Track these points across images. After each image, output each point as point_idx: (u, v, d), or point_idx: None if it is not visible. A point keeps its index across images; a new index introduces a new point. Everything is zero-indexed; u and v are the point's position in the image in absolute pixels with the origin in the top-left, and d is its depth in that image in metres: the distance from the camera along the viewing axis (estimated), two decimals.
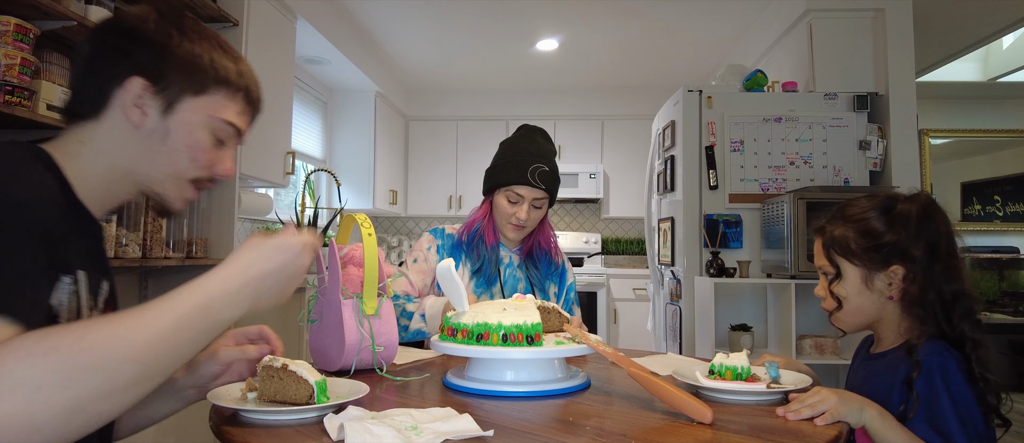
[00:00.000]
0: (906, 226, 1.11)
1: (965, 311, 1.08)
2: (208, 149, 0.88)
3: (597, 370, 1.30)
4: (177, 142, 0.85)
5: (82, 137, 0.84)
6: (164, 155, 0.85)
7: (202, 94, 0.85)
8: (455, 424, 0.83)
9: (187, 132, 0.85)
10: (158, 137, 0.84)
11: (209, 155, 0.88)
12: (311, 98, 4.52)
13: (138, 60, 0.82)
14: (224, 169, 0.91)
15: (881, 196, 1.17)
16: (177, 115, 0.84)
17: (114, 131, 0.84)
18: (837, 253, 1.17)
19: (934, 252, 1.10)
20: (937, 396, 1.00)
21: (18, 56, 1.70)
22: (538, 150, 1.72)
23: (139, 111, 0.83)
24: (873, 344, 1.24)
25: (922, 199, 1.14)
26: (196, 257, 2.44)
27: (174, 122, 0.84)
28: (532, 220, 1.72)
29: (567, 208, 5.79)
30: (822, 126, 3.03)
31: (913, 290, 1.10)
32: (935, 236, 1.11)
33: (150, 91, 0.82)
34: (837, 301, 1.17)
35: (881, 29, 3.18)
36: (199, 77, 0.85)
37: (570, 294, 1.85)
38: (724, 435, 0.85)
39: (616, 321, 4.96)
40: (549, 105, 5.55)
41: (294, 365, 0.90)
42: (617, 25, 4.11)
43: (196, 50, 0.85)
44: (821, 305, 1.23)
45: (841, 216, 1.19)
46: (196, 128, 0.86)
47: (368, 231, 1.18)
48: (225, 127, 0.88)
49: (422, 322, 1.56)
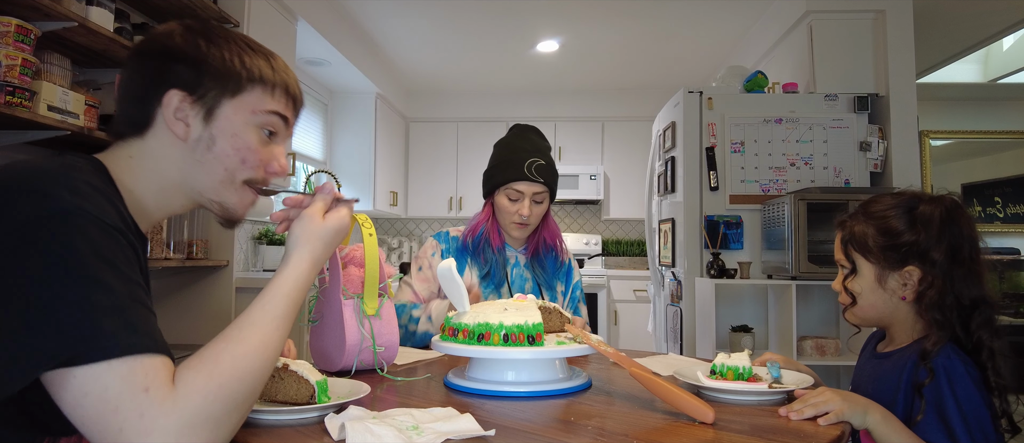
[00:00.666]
0: (927, 228, 1.09)
1: (984, 319, 1.05)
2: (257, 148, 0.88)
3: (598, 370, 1.29)
4: (224, 145, 0.86)
5: (131, 152, 0.85)
6: (213, 161, 0.86)
7: (239, 94, 0.86)
8: (456, 424, 0.82)
9: (232, 134, 0.86)
10: (205, 145, 0.85)
11: (259, 154, 0.88)
12: (311, 99, 4.52)
13: (172, 74, 0.83)
14: (278, 165, 0.91)
15: (906, 195, 1.15)
16: (219, 120, 0.85)
17: (161, 146, 0.85)
18: (854, 249, 1.15)
19: (956, 257, 1.08)
20: (943, 399, 1.00)
21: (19, 57, 1.70)
22: (533, 146, 1.73)
23: (182, 123, 0.84)
24: (880, 341, 1.23)
25: (947, 202, 1.12)
26: (196, 258, 2.44)
27: (218, 127, 0.85)
28: (535, 216, 1.72)
29: (567, 209, 5.79)
30: (822, 127, 3.03)
31: (931, 294, 1.08)
32: (958, 240, 1.09)
33: (188, 101, 0.84)
34: (851, 297, 1.16)
35: (881, 30, 3.18)
36: (233, 79, 0.86)
37: (576, 293, 1.85)
38: (726, 435, 0.85)
39: (617, 322, 4.96)
40: (549, 106, 5.55)
41: (295, 365, 0.90)
42: (617, 26, 4.11)
43: (225, 54, 0.86)
44: (838, 299, 1.22)
45: (863, 212, 1.17)
46: (240, 128, 0.86)
47: (369, 231, 1.18)
48: (272, 118, 0.89)
49: (429, 323, 1.56)
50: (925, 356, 1.04)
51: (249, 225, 3.60)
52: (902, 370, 1.08)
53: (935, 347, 1.04)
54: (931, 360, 1.03)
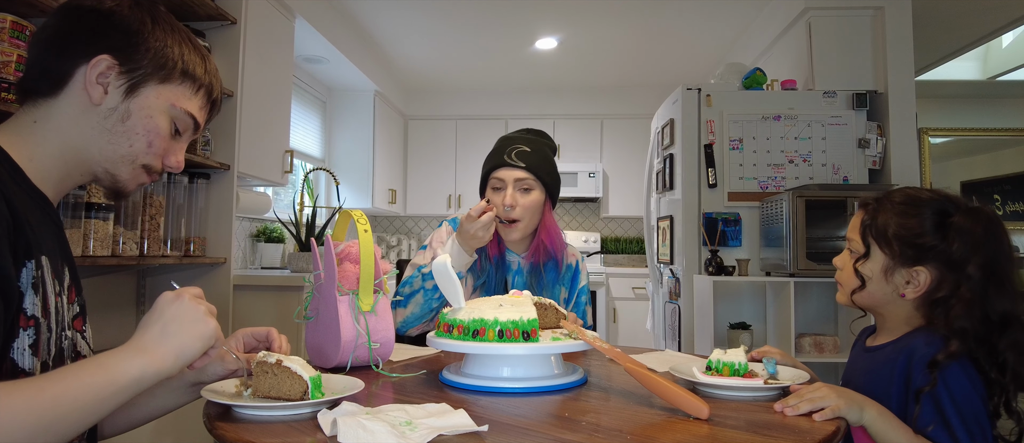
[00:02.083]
0: (962, 239, 1.05)
1: (1013, 340, 1.02)
2: (165, 137, 0.89)
3: (594, 366, 1.29)
4: (136, 124, 0.86)
5: (35, 116, 0.85)
6: (122, 136, 0.86)
7: (167, 82, 0.87)
8: (450, 419, 0.82)
9: (147, 116, 0.86)
10: (119, 117, 0.85)
11: (164, 143, 0.89)
12: (310, 97, 4.52)
13: (110, 41, 0.84)
14: (176, 160, 0.92)
15: (942, 197, 1.11)
16: (140, 98, 0.86)
17: (71, 109, 0.84)
18: (871, 235, 1.13)
19: (993, 272, 1.05)
20: (939, 394, 0.99)
21: (14, 53, 1.69)
22: (519, 136, 1.68)
23: (101, 89, 0.84)
24: (870, 336, 1.23)
25: (986, 215, 1.08)
26: (194, 256, 2.44)
27: (136, 104, 0.86)
28: (523, 207, 1.60)
29: (566, 207, 5.79)
30: (821, 124, 3.03)
31: (952, 305, 1.04)
32: (996, 255, 1.05)
33: (116, 70, 0.84)
34: (861, 280, 1.14)
35: (880, 27, 3.18)
36: (167, 66, 0.87)
37: (582, 298, 1.73)
38: (721, 430, 0.84)
39: (615, 320, 4.95)
40: (548, 104, 5.54)
41: (288, 361, 0.90)
42: (616, 24, 4.11)
43: (168, 41, 0.87)
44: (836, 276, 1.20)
45: (891, 201, 1.13)
46: (157, 113, 0.87)
47: (364, 227, 1.17)
48: (185, 118, 0.90)
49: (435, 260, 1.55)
50: (934, 365, 1.01)
51: (248, 222, 3.60)
52: (894, 364, 1.07)
53: (949, 359, 1.00)
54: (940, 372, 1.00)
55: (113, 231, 2.02)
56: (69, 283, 0.88)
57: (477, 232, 1.52)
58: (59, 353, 0.83)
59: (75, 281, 0.91)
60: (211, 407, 0.91)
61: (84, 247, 1.89)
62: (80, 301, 0.92)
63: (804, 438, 0.83)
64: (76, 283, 0.91)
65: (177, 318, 0.79)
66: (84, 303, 0.94)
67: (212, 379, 0.98)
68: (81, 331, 0.92)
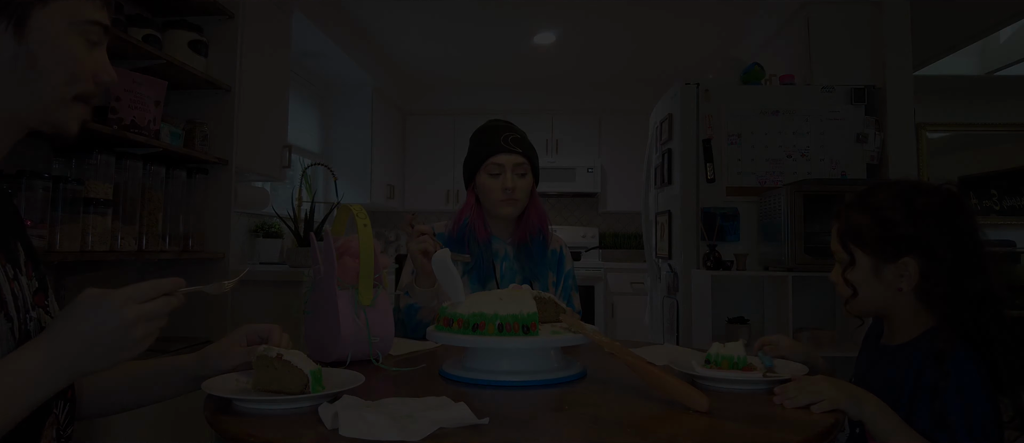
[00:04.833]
0: (927, 221, 1.06)
1: (993, 314, 1.02)
2: (81, 60, 0.79)
3: (593, 360, 1.29)
4: (47, 61, 0.76)
5: None
6: (37, 81, 0.76)
7: (49, 1, 0.75)
8: (450, 412, 0.82)
9: (53, 47, 0.76)
10: (24, 64, 0.75)
11: (86, 64, 0.79)
12: (308, 92, 4.51)
13: None
14: (107, 75, 0.82)
15: (903, 184, 1.12)
16: (33, 32, 0.75)
17: None
18: (850, 240, 1.13)
19: (959, 250, 1.05)
20: (946, 395, 0.98)
21: None
22: (504, 126, 1.75)
23: None
24: (884, 334, 1.20)
25: (945, 193, 1.08)
26: (193, 251, 2.43)
27: (34, 40, 0.75)
28: (520, 189, 1.69)
29: (565, 202, 5.79)
30: (819, 119, 3.03)
31: (936, 289, 1.05)
32: (959, 233, 1.06)
33: None
34: (852, 289, 1.13)
35: (879, 22, 3.18)
36: None
37: (569, 281, 1.82)
38: (719, 423, 0.85)
39: (614, 315, 4.96)
40: (546, 99, 5.54)
41: (289, 354, 0.90)
42: (615, 18, 4.10)
43: None
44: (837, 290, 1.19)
45: (859, 202, 1.14)
46: (61, 38, 0.77)
47: (364, 222, 1.17)
48: (92, 27, 0.79)
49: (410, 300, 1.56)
50: (941, 358, 1.00)
51: (246, 218, 3.59)
52: (908, 365, 1.05)
53: (948, 345, 1.00)
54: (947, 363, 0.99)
55: (111, 226, 2.02)
56: (24, 259, 0.83)
57: (414, 254, 1.50)
58: (25, 336, 0.79)
59: (31, 255, 0.85)
60: (212, 400, 0.91)
61: (82, 243, 1.89)
62: (38, 274, 0.86)
63: (803, 430, 0.83)
64: (32, 257, 0.86)
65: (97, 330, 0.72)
66: (44, 276, 0.87)
67: (214, 373, 0.97)
68: (44, 306, 0.86)
